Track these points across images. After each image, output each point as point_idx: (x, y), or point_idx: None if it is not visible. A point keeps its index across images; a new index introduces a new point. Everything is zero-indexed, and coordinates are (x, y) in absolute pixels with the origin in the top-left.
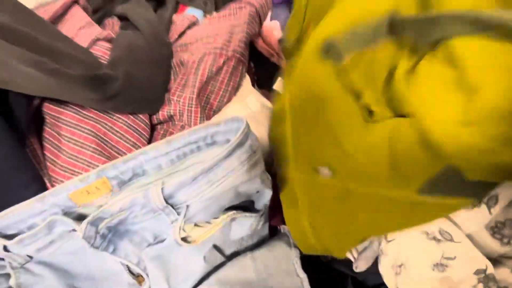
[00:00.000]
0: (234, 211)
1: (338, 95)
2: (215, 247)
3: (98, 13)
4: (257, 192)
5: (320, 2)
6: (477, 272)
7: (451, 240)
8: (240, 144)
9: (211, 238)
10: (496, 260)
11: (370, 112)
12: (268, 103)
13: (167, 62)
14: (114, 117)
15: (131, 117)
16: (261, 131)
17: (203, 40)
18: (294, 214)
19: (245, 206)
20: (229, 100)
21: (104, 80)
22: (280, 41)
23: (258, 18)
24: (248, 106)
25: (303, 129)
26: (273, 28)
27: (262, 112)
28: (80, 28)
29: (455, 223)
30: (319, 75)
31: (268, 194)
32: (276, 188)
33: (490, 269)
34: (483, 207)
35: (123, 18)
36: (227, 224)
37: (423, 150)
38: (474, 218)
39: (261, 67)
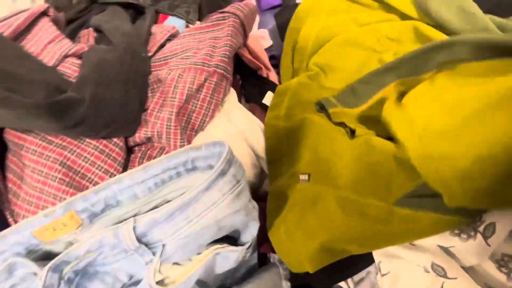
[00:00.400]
0: (218, 245)
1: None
2: (199, 282)
3: (73, 24)
4: (243, 224)
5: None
6: None
7: (444, 276)
8: (222, 174)
9: (192, 276)
10: None
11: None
12: (255, 119)
13: (143, 79)
14: (84, 143)
15: (104, 141)
16: (248, 151)
17: (183, 54)
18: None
19: (231, 236)
20: (212, 118)
21: (66, 106)
22: (268, 51)
23: (243, 29)
24: (233, 124)
25: (294, 144)
26: (260, 38)
27: (249, 130)
28: (48, 43)
29: (453, 255)
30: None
31: (255, 226)
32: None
33: None
34: (479, 237)
35: (99, 29)
36: (211, 259)
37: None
38: (473, 250)
39: (248, 79)
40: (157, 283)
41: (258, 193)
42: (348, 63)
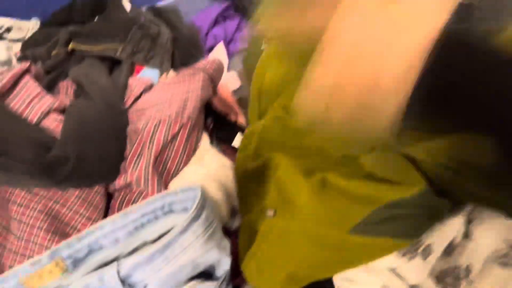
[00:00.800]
0: (195, 281)
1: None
2: None
3: (51, 74)
4: (217, 260)
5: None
6: None
7: None
8: (196, 218)
9: None
10: None
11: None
12: (227, 161)
13: (122, 131)
14: (67, 193)
15: (86, 190)
16: (220, 190)
17: (158, 106)
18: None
19: (207, 272)
20: (186, 163)
21: (54, 165)
22: (238, 91)
23: (212, 83)
24: (206, 166)
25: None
26: (230, 79)
27: (220, 171)
28: (31, 100)
29: (399, 276)
30: None
31: (227, 261)
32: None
33: None
34: (419, 257)
35: (77, 81)
36: None
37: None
38: (415, 270)
39: (219, 123)
40: None
41: (231, 228)
42: None
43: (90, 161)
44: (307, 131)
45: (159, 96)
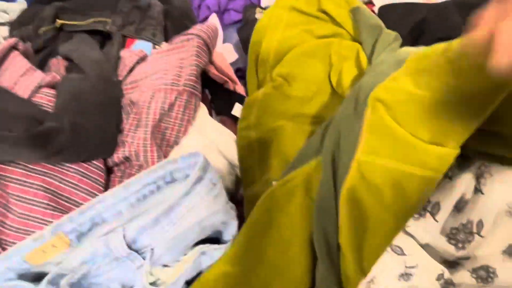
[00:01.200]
0: (202, 245)
1: None
2: (188, 283)
3: (41, 53)
4: (223, 223)
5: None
6: (438, 278)
7: (402, 253)
8: (199, 180)
9: (181, 276)
10: (454, 262)
11: None
12: (226, 130)
13: (117, 103)
14: (65, 168)
15: (84, 164)
16: (222, 160)
17: (152, 76)
18: None
19: (214, 237)
20: (185, 133)
21: (48, 136)
22: (234, 64)
23: (207, 48)
24: (206, 136)
25: (265, 152)
26: (226, 52)
27: (221, 141)
28: (21, 76)
29: (410, 235)
30: None
31: (234, 224)
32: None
33: (447, 274)
34: (428, 215)
35: (68, 58)
36: (197, 259)
37: None
38: (425, 228)
39: (217, 93)
40: (150, 284)
41: (235, 198)
42: (308, 72)
43: (86, 133)
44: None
45: (153, 66)
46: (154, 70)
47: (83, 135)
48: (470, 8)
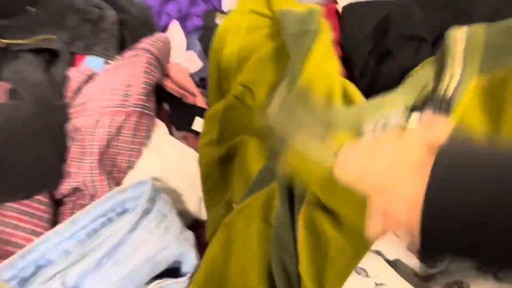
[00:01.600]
0: (159, 281)
1: None
2: None
3: None
4: (180, 254)
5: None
6: None
7: (366, 276)
8: (146, 212)
9: None
10: (428, 277)
11: None
12: (187, 149)
13: (59, 130)
14: (3, 207)
15: (24, 201)
16: (182, 181)
17: (99, 97)
18: None
19: (175, 267)
20: (138, 156)
21: None
22: (199, 73)
23: (158, 63)
24: (164, 157)
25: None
26: (189, 60)
27: (181, 160)
28: None
29: (377, 252)
30: None
31: (192, 254)
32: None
33: None
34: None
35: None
36: None
37: None
38: (391, 244)
39: (175, 108)
40: None
41: (199, 220)
42: (270, 79)
43: (23, 167)
44: None
45: (101, 86)
46: (101, 90)
47: (15, 169)
48: (430, 4)
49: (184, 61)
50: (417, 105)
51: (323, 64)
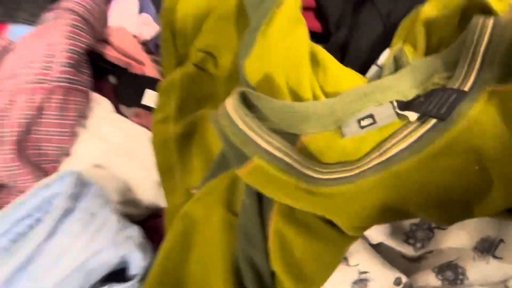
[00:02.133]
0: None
1: None
2: None
3: None
4: (121, 257)
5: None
6: (396, 283)
7: (347, 264)
8: (67, 213)
9: None
10: (417, 258)
11: None
12: (135, 127)
13: None
14: None
15: None
16: (133, 166)
17: (11, 72)
18: None
19: (121, 269)
20: (72, 139)
21: None
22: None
23: (88, 26)
24: (106, 139)
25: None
26: (143, 24)
27: (130, 141)
28: None
29: (362, 237)
30: None
31: (137, 255)
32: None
33: (404, 279)
34: None
35: None
36: None
37: None
38: (376, 228)
39: (121, 81)
40: None
41: (159, 208)
42: (234, 42)
43: None
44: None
45: (17, 58)
46: (18, 64)
47: None
48: None
49: (137, 25)
50: (415, 101)
51: (287, 33)
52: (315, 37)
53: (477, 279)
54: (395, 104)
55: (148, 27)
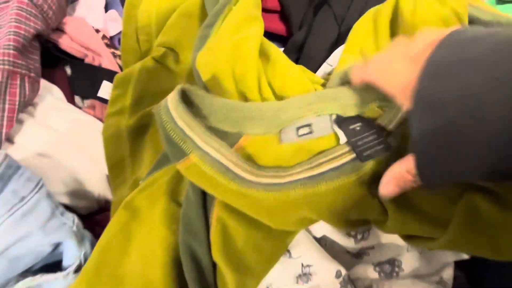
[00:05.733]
0: (32, 277)
1: None
2: None
3: None
4: (52, 245)
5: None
6: (337, 276)
7: (290, 257)
8: None
9: None
10: (358, 254)
11: None
12: (84, 118)
13: None
14: None
15: None
16: (80, 158)
17: None
18: None
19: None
20: (11, 126)
21: None
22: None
23: (38, 10)
24: (53, 128)
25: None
26: (110, 20)
27: (77, 131)
28: None
29: (306, 230)
30: None
31: (71, 243)
32: None
33: (344, 271)
34: None
35: None
36: None
37: None
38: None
39: (76, 71)
40: None
41: (107, 201)
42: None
43: None
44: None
45: None
46: None
47: None
48: None
49: (103, 20)
50: (352, 123)
51: (239, 29)
52: (280, 39)
53: (412, 271)
54: (333, 118)
55: (114, 23)
